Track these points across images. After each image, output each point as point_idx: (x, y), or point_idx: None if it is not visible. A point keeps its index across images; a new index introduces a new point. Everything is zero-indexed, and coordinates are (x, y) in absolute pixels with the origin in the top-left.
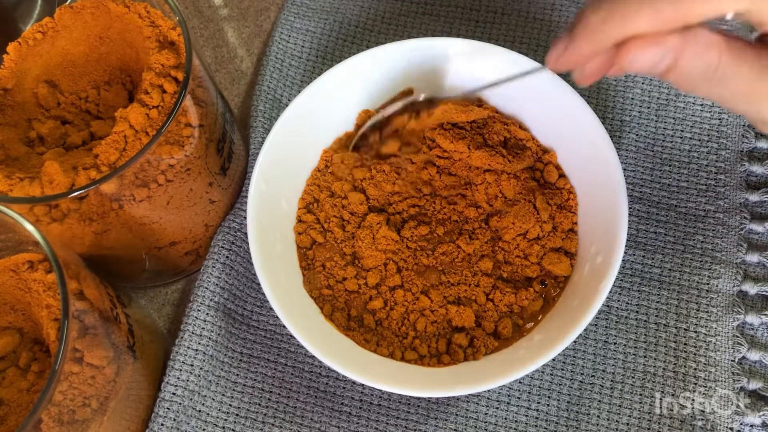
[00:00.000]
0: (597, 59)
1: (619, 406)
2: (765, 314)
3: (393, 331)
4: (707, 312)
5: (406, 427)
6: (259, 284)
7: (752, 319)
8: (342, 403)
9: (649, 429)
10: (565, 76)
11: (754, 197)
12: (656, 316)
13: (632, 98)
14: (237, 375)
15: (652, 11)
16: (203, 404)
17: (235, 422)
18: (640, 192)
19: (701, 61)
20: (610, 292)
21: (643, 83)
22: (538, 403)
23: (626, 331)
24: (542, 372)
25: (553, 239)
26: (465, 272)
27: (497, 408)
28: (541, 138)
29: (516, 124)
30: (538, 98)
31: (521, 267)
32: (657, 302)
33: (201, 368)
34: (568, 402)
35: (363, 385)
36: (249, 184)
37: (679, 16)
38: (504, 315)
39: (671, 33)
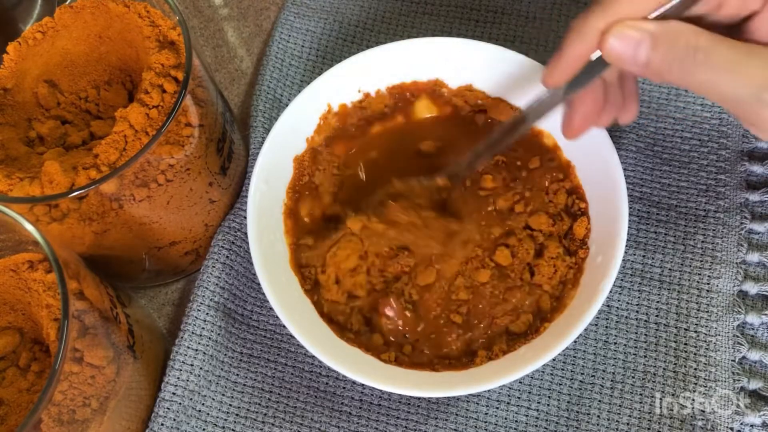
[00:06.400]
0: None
1: (619, 406)
2: (765, 314)
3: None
4: (707, 312)
5: (406, 427)
6: (259, 284)
7: (752, 319)
8: (342, 403)
9: (649, 429)
10: None
11: (754, 197)
12: (656, 315)
13: None
14: (237, 375)
15: None
16: (203, 404)
17: (235, 422)
18: (640, 192)
19: (681, 43)
20: (611, 291)
21: (643, 83)
22: (538, 403)
23: (626, 330)
24: (542, 372)
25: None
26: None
27: (497, 408)
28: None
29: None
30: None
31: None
32: (657, 302)
33: (201, 368)
34: (568, 402)
35: (363, 385)
36: (249, 184)
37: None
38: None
39: (647, 21)
